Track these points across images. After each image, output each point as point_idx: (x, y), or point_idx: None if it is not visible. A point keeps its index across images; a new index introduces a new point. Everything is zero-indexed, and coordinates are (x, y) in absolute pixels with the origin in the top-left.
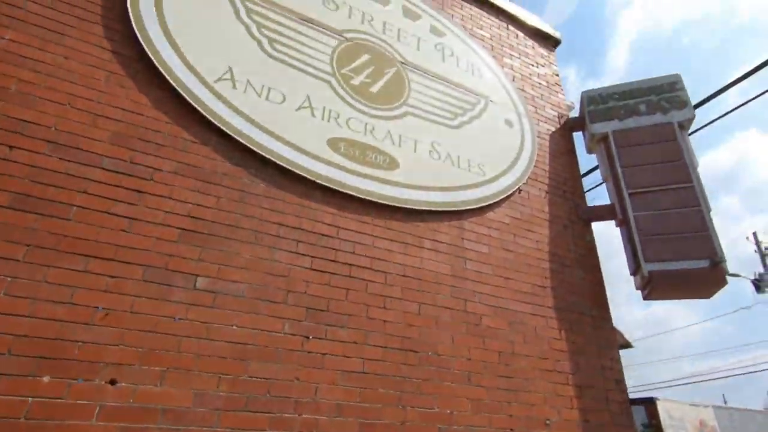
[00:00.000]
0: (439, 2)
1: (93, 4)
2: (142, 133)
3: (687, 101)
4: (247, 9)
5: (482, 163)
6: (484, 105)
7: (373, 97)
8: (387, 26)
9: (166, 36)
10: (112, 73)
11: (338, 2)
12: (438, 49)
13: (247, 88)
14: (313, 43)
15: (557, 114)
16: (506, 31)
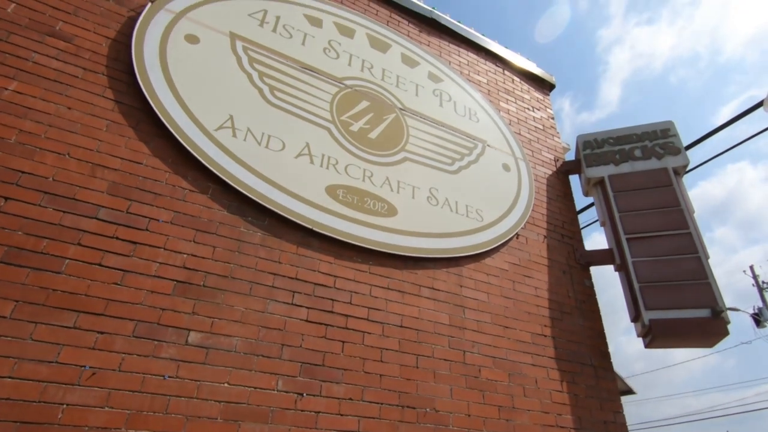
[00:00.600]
0: (436, 49)
1: (99, 55)
2: (140, 182)
3: (681, 148)
4: (250, 58)
5: (480, 208)
6: (482, 149)
7: (372, 143)
8: (386, 73)
9: (169, 85)
10: (113, 123)
11: (339, 51)
12: (436, 95)
13: (247, 136)
14: (314, 90)
15: (553, 157)
16: (502, 75)
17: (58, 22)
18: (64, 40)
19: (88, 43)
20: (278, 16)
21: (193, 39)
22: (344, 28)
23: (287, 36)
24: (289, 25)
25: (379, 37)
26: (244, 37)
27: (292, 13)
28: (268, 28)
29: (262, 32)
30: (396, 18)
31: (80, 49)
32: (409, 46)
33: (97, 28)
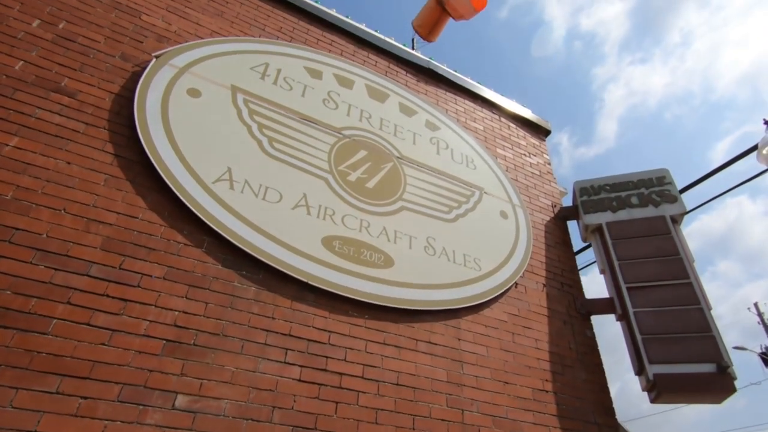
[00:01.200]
0: (434, 98)
1: (102, 110)
2: (134, 237)
3: (677, 196)
4: (250, 110)
5: (478, 257)
6: (479, 197)
7: (369, 192)
8: (384, 122)
9: (169, 138)
10: (111, 177)
11: (338, 101)
12: (433, 143)
13: (244, 188)
14: (312, 141)
15: (551, 203)
16: (498, 122)
17: (64, 78)
18: (69, 96)
19: (91, 98)
20: (279, 68)
21: (195, 93)
22: (344, 80)
23: (287, 88)
24: (290, 78)
25: (377, 87)
26: (245, 89)
27: (293, 65)
28: (269, 81)
29: (263, 85)
30: (394, 68)
31: (83, 104)
32: (406, 96)
33: (101, 83)
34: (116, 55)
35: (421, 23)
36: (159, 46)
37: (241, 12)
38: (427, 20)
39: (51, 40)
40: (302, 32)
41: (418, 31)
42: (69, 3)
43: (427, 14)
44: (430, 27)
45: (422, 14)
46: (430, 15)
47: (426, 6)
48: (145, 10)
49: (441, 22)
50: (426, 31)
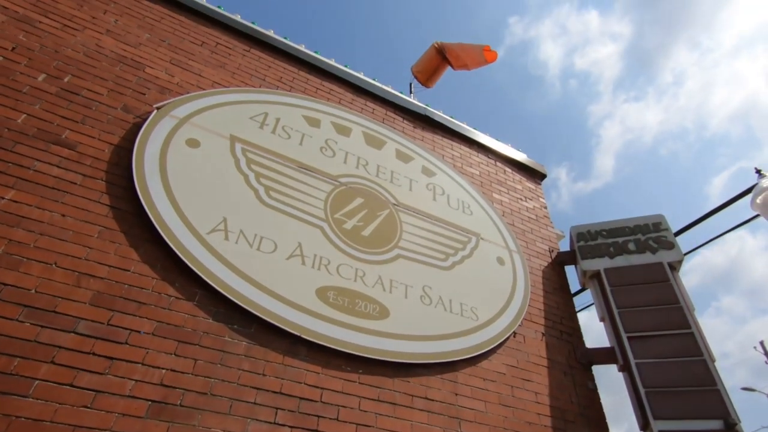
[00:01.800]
0: (430, 144)
1: (100, 161)
2: (125, 291)
3: (674, 243)
4: (248, 160)
5: (475, 306)
6: (476, 243)
7: (365, 241)
8: (381, 169)
9: (166, 189)
10: (105, 228)
11: (335, 149)
12: (429, 189)
13: (239, 238)
14: (309, 189)
15: (548, 248)
16: (494, 167)
17: (64, 130)
18: (68, 148)
19: (91, 149)
20: (278, 118)
21: (194, 143)
22: (341, 127)
23: (286, 137)
24: (289, 126)
25: (374, 134)
26: (244, 139)
27: (291, 114)
28: (267, 130)
29: (261, 134)
30: (391, 115)
31: (82, 156)
32: (403, 142)
33: (101, 135)
34: (118, 107)
35: (421, 69)
36: (161, 98)
37: (243, 63)
38: (426, 67)
39: (55, 93)
40: (302, 81)
41: (418, 77)
42: (76, 57)
43: (427, 61)
44: (429, 74)
45: (422, 61)
46: (429, 62)
47: (426, 53)
48: (149, 63)
49: (440, 70)
50: (425, 77)
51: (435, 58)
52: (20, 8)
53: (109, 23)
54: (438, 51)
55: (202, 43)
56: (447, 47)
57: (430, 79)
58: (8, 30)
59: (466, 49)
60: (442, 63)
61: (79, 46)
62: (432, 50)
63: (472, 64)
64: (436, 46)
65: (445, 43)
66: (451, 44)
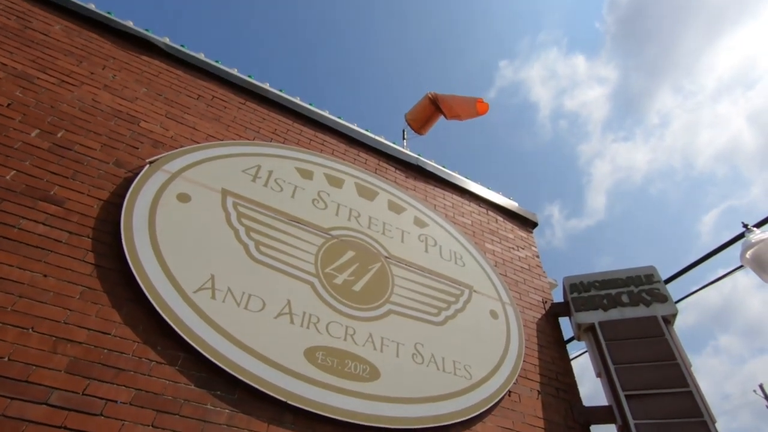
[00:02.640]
0: (422, 194)
1: (88, 218)
2: (104, 356)
3: (667, 296)
4: (239, 214)
5: (469, 363)
6: (468, 296)
7: (355, 296)
8: (373, 221)
9: (153, 245)
10: (88, 289)
11: (327, 201)
12: (421, 240)
13: (226, 297)
14: (300, 243)
15: (541, 299)
16: (486, 216)
17: (53, 186)
18: (56, 204)
19: (79, 206)
20: (271, 170)
21: (184, 198)
22: (334, 179)
23: (278, 189)
24: (281, 179)
25: (367, 186)
26: (235, 192)
27: (284, 166)
28: (260, 183)
29: (253, 187)
30: (384, 165)
31: (70, 213)
32: (395, 193)
33: (91, 190)
34: (110, 161)
35: (414, 118)
36: (154, 152)
37: (238, 116)
38: (420, 116)
39: (47, 149)
40: (296, 133)
41: (411, 124)
42: (71, 113)
43: (421, 110)
44: (422, 122)
45: (416, 110)
46: (423, 111)
47: (420, 103)
48: (145, 117)
49: (433, 119)
50: (418, 125)
51: (428, 108)
52: (19, 65)
53: (107, 78)
54: (431, 101)
55: (199, 96)
56: (440, 98)
57: (423, 126)
58: (5, 86)
59: (458, 101)
60: (435, 113)
61: (76, 102)
62: (426, 100)
63: (465, 115)
64: (429, 97)
65: (439, 94)
66: (445, 95)
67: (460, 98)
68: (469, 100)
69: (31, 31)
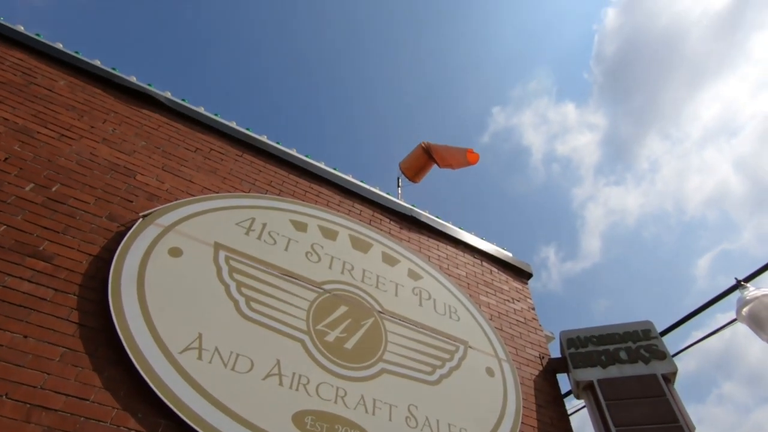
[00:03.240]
0: (416, 245)
1: (76, 274)
2: (80, 425)
3: (666, 353)
4: (231, 268)
5: (464, 426)
6: (463, 352)
7: (347, 355)
8: (366, 274)
9: (140, 303)
10: (69, 350)
11: (321, 254)
12: (416, 293)
13: (213, 357)
14: (292, 298)
15: (538, 354)
16: (481, 267)
17: (43, 242)
18: (44, 260)
19: (68, 261)
20: (265, 223)
21: (176, 252)
22: (328, 231)
23: (271, 242)
24: (275, 232)
25: (361, 237)
26: (228, 246)
27: (279, 219)
28: (253, 236)
29: (246, 240)
30: (378, 216)
31: (58, 269)
32: (389, 244)
33: (81, 245)
34: (104, 215)
35: (408, 166)
36: (149, 205)
37: (234, 168)
38: (413, 165)
39: (41, 203)
40: (291, 185)
41: (405, 173)
42: (68, 166)
43: (414, 159)
44: (415, 171)
45: (409, 159)
46: (416, 160)
47: (414, 152)
48: (141, 170)
49: (426, 168)
50: (412, 173)
51: (422, 157)
52: (20, 119)
53: (107, 132)
54: (424, 150)
55: (196, 149)
56: (433, 148)
57: (417, 175)
58: (5, 141)
59: (450, 151)
60: (428, 161)
61: (73, 155)
62: (419, 149)
63: (456, 165)
64: (422, 146)
65: (432, 143)
66: (438, 145)
67: (452, 148)
68: (461, 150)
69: (36, 87)
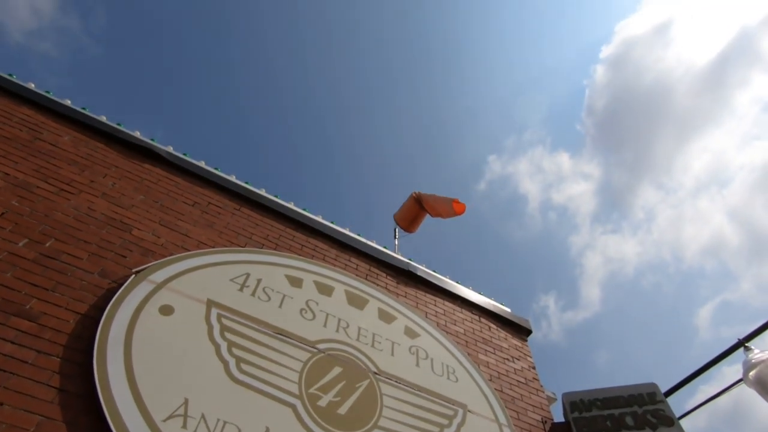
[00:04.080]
0: (413, 300)
1: (61, 334)
2: None
3: (673, 418)
4: (222, 327)
5: None
6: (462, 417)
7: (340, 421)
8: (362, 332)
9: (126, 366)
10: (46, 419)
11: (316, 311)
12: (412, 353)
13: (199, 425)
14: (284, 359)
15: (540, 418)
16: (479, 323)
17: (31, 299)
18: (30, 320)
19: (54, 320)
20: (260, 278)
21: (167, 310)
22: (323, 287)
23: (266, 299)
24: (270, 287)
25: (357, 293)
26: (221, 303)
27: (274, 274)
28: (247, 292)
29: (240, 297)
30: (375, 271)
31: (43, 329)
32: (386, 300)
33: (70, 303)
34: (96, 272)
35: (402, 217)
36: (143, 261)
37: (232, 222)
38: (406, 215)
39: (32, 259)
40: (288, 239)
41: (400, 224)
42: (64, 221)
43: (407, 210)
44: (409, 221)
45: (403, 210)
46: (409, 211)
47: (406, 202)
48: (138, 224)
49: (419, 217)
50: (406, 224)
51: (414, 207)
52: (21, 174)
53: (107, 186)
54: (416, 200)
55: (195, 203)
56: (423, 197)
57: (411, 225)
58: (3, 195)
59: (439, 201)
60: (421, 211)
61: (71, 210)
62: (411, 199)
63: (445, 215)
64: (414, 196)
65: (423, 193)
66: (427, 195)
67: (440, 198)
68: (447, 200)
69: (41, 142)
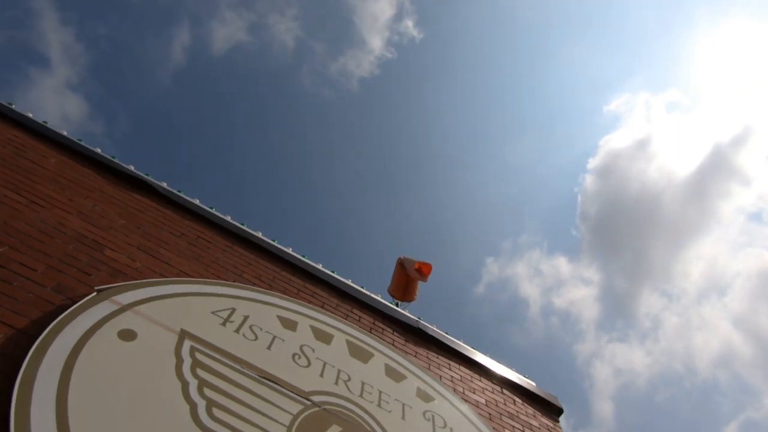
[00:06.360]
0: (425, 361)
1: None
2: None
3: None
4: (195, 362)
5: None
6: None
7: None
8: (366, 387)
9: (58, 402)
10: None
11: (311, 357)
12: (427, 419)
13: None
14: (270, 409)
15: None
16: (501, 395)
17: None
18: None
19: None
20: (247, 315)
21: (128, 335)
22: (321, 333)
23: (252, 338)
24: (258, 326)
25: (360, 345)
26: (197, 336)
27: (264, 313)
28: (230, 328)
29: (221, 332)
30: (380, 325)
31: None
32: (394, 357)
33: (7, 316)
34: (50, 286)
35: (394, 287)
36: (110, 281)
37: (221, 257)
38: (396, 284)
39: None
40: (283, 281)
41: (394, 295)
42: (24, 231)
43: (397, 279)
44: (402, 290)
45: (393, 280)
46: (398, 279)
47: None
48: (112, 245)
49: (411, 284)
50: (400, 294)
51: (402, 273)
52: None
53: (86, 207)
54: (401, 265)
55: (181, 234)
56: (406, 262)
57: (406, 294)
58: None
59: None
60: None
61: (36, 222)
62: (398, 266)
63: (421, 277)
64: (399, 261)
65: (407, 258)
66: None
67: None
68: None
69: (23, 160)
